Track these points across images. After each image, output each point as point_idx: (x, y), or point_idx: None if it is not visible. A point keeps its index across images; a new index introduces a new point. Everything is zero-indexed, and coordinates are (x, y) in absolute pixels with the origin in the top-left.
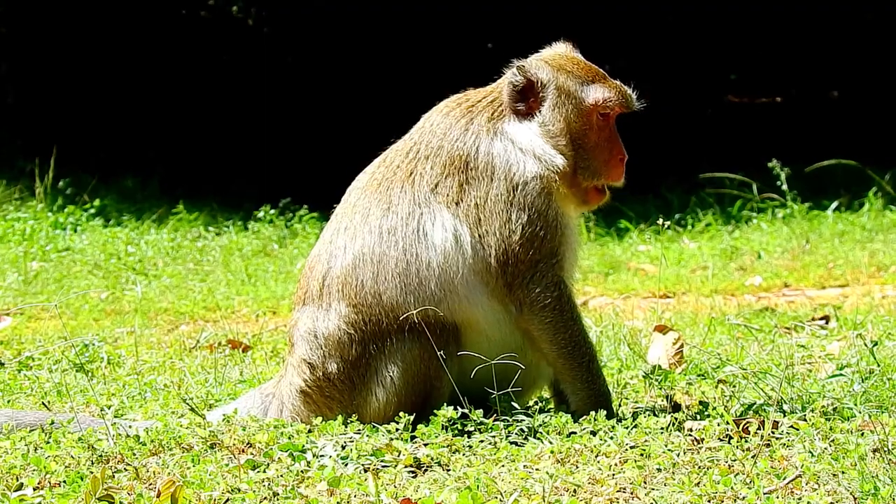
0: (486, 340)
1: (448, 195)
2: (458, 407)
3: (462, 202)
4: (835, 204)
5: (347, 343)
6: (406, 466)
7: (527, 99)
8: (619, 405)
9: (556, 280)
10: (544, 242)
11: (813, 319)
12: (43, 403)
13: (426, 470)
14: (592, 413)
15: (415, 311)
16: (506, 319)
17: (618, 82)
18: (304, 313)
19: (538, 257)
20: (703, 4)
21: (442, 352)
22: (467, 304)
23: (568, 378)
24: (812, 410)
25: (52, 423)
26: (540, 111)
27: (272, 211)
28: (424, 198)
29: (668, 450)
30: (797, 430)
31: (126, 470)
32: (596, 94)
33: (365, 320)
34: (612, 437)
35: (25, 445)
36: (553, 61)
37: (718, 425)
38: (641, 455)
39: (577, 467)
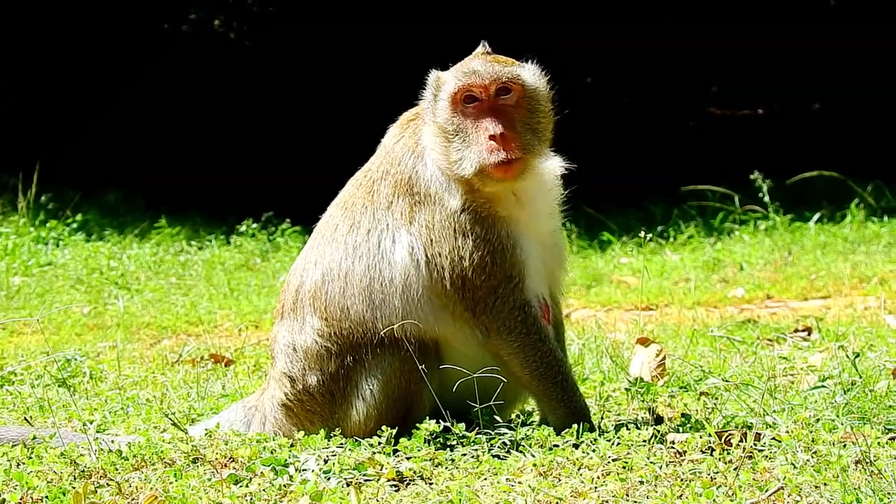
0: (463, 357)
1: (402, 214)
2: (440, 420)
3: (414, 222)
4: (817, 216)
5: (325, 356)
6: (388, 480)
7: (433, 104)
8: (602, 418)
9: (520, 304)
10: (496, 267)
11: (795, 331)
12: (25, 419)
13: (409, 484)
14: (575, 426)
15: (395, 325)
16: (475, 340)
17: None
18: (283, 327)
19: (494, 283)
20: (684, 18)
21: (423, 365)
22: (434, 322)
23: (544, 398)
24: (794, 422)
25: (35, 438)
26: (434, 113)
27: (255, 225)
28: (382, 215)
29: (651, 462)
30: (779, 441)
31: (108, 485)
32: (452, 81)
33: (337, 333)
34: (594, 450)
35: (7, 461)
36: (464, 61)
37: (701, 437)
38: (624, 468)
39: (560, 480)
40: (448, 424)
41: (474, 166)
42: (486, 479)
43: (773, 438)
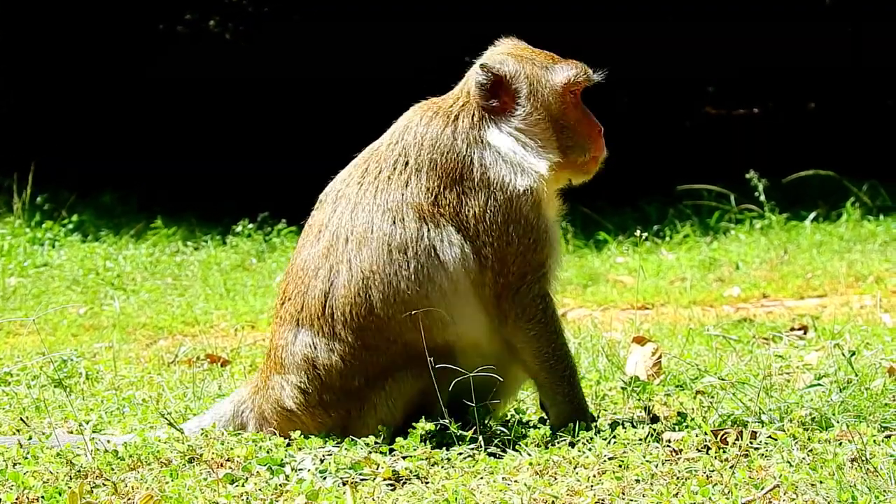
0: (479, 357)
1: (448, 207)
2: (439, 420)
3: (461, 213)
4: (812, 214)
5: (349, 375)
6: (385, 479)
7: (498, 96)
8: (598, 416)
9: (542, 293)
10: (535, 254)
11: (791, 330)
12: (21, 419)
13: (405, 483)
14: (571, 424)
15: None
16: (491, 329)
17: (573, 60)
18: (304, 336)
19: (527, 269)
20: (680, 18)
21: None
22: (462, 318)
23: (548, 390)
24: (790, 420)
25: (30, 438)
26: (517, 105)
27: (250, 225)
28: (429, 212)
29: (647, 461)
30: (775, 440)
31: (104, 485)
32: (564, 73)
33: (372, 348)
34: (590, 449)
35: (3, 461)
36: (512, 53)
37: (697, 436)
38: (620, 466)
39: (556, 479)
40: (446, 423)
41: (588, 156)
42: (482, 477)
43: (769, 437)
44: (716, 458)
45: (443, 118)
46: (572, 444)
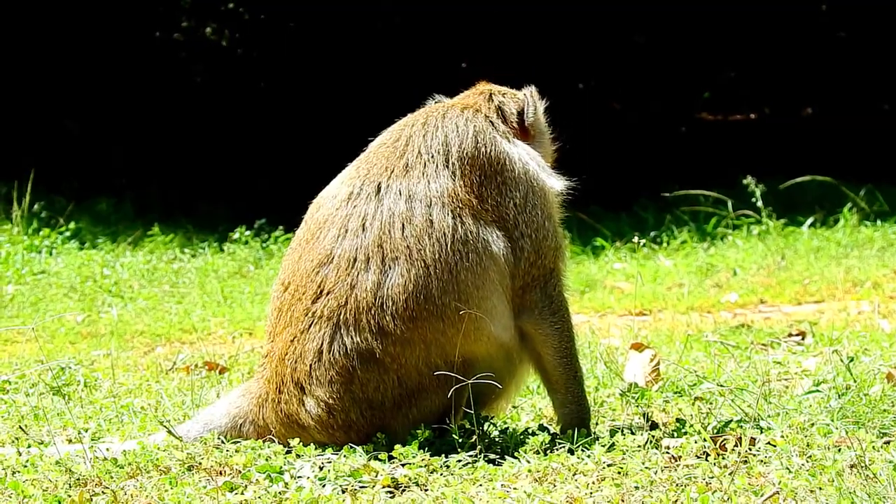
0: (493, 362)
1: (491, 199)
2: (443, 425)
3: (502, 204)
4: (810, 220)
5: (383, 389)
6: (384, 487)
7: (508, 121)
8: (596, 423)
9: (562, 288)
10: (560, 251)
11: (789, 335)
12: (20, 427)
13: (404, 490)
14: (570, 431)
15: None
16: (514, 328)
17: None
18: (342, 338)
19: (553, 265)
20: (675, 23)
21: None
22: (494, 313)
23: (562, 389)
24: (789, 427)
25: (29, 446)
26: (531, 135)
27: (248, 232)
28: (477, 207)
29: (646, 467)
30: (774, 446)
31: (104, 493)
32: (547, 127)
33: (414, 343)
34: (589, 456)
35: (2, 469)
36: (523, 96)
37: (696, 442)
38: (619, 473)
39: (555, 486)
40: (447, 427)
41: None
42: (481, 485)
43: (768, 443)
44: (715, 464)
45: (483, 116)
46: (571, 451)
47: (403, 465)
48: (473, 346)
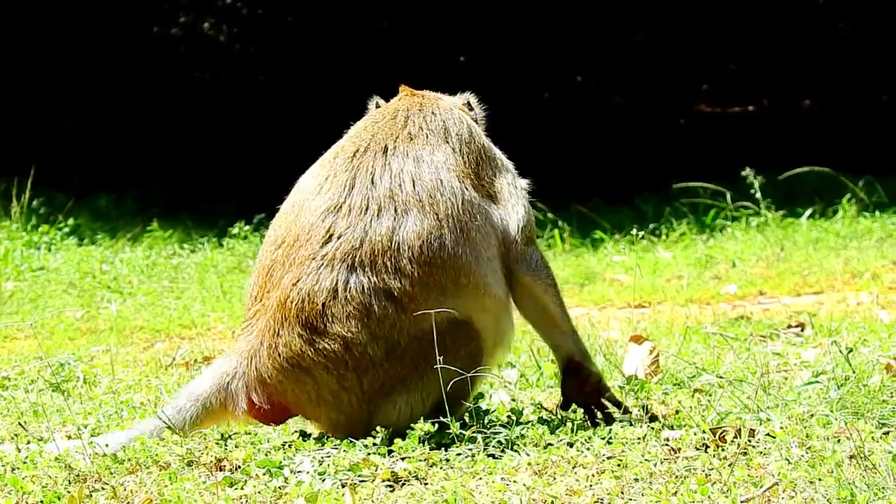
0: (494, 311)
1: (486, 178)
2: (438, 419)
3: (495, 184)
4: (809, 211)
5: (400, 329)
6: (383, 481)
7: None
8: (595, 416)
9: (541, 252)
10: (534, 225)
11: (788, 327)
12: (19, 423)
13: (404, 484)
14: (569, 421)
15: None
16: (506, 295)
17: None
18: (358, 277)
19: (531, 236)
20: (673, 16)
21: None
22: (495, 277)
23: (565, 327)
24: (788, 418)
25: (29, 443)
26: None
27: (247, 227)
28: (476, 181)
29: (645, 460)
30: (774, 437)
31: (103, 489)
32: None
33: (431, 287)
34: (588, 448)
35: (2, 466)
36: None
37: (695, 434)
38: (618, 465)
39: (555, 479)
40: (447, 421)
41: None
42: (481, 478)
43: (768, 434)
44: (714, 456)
45: (467, 115)
46: (570, 444)
47: (403, 459)
48: (483, 301)
